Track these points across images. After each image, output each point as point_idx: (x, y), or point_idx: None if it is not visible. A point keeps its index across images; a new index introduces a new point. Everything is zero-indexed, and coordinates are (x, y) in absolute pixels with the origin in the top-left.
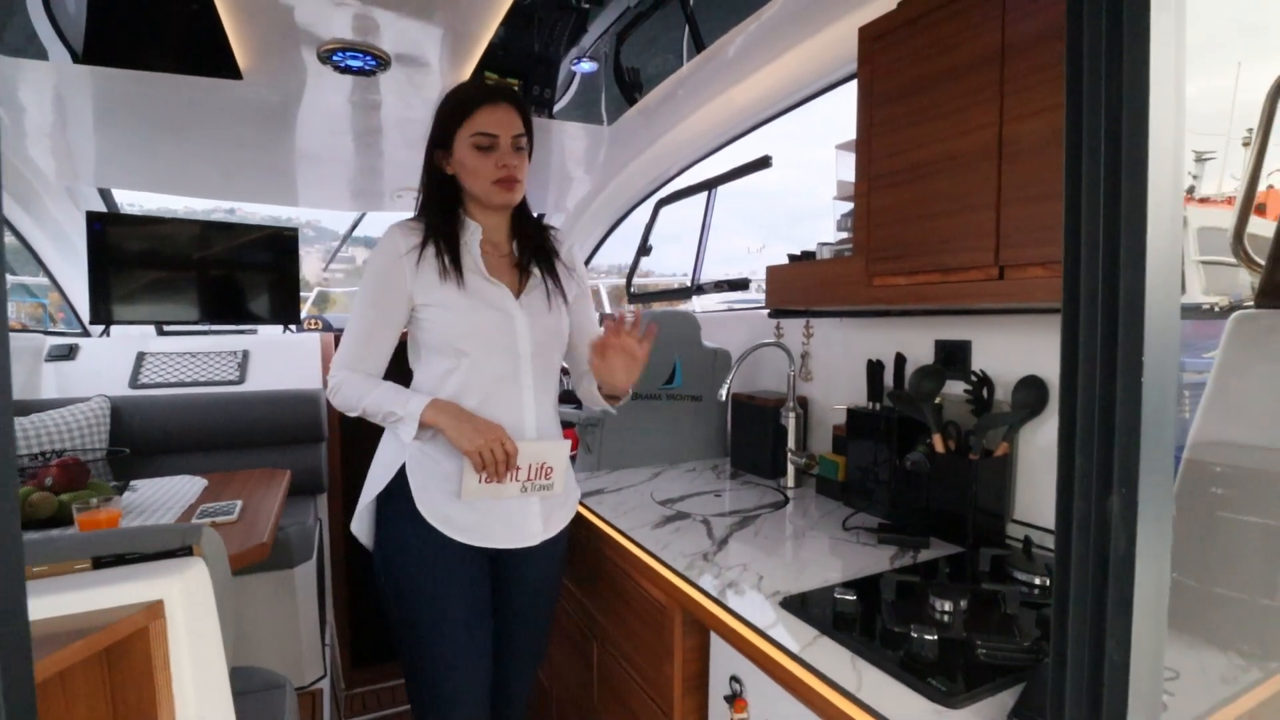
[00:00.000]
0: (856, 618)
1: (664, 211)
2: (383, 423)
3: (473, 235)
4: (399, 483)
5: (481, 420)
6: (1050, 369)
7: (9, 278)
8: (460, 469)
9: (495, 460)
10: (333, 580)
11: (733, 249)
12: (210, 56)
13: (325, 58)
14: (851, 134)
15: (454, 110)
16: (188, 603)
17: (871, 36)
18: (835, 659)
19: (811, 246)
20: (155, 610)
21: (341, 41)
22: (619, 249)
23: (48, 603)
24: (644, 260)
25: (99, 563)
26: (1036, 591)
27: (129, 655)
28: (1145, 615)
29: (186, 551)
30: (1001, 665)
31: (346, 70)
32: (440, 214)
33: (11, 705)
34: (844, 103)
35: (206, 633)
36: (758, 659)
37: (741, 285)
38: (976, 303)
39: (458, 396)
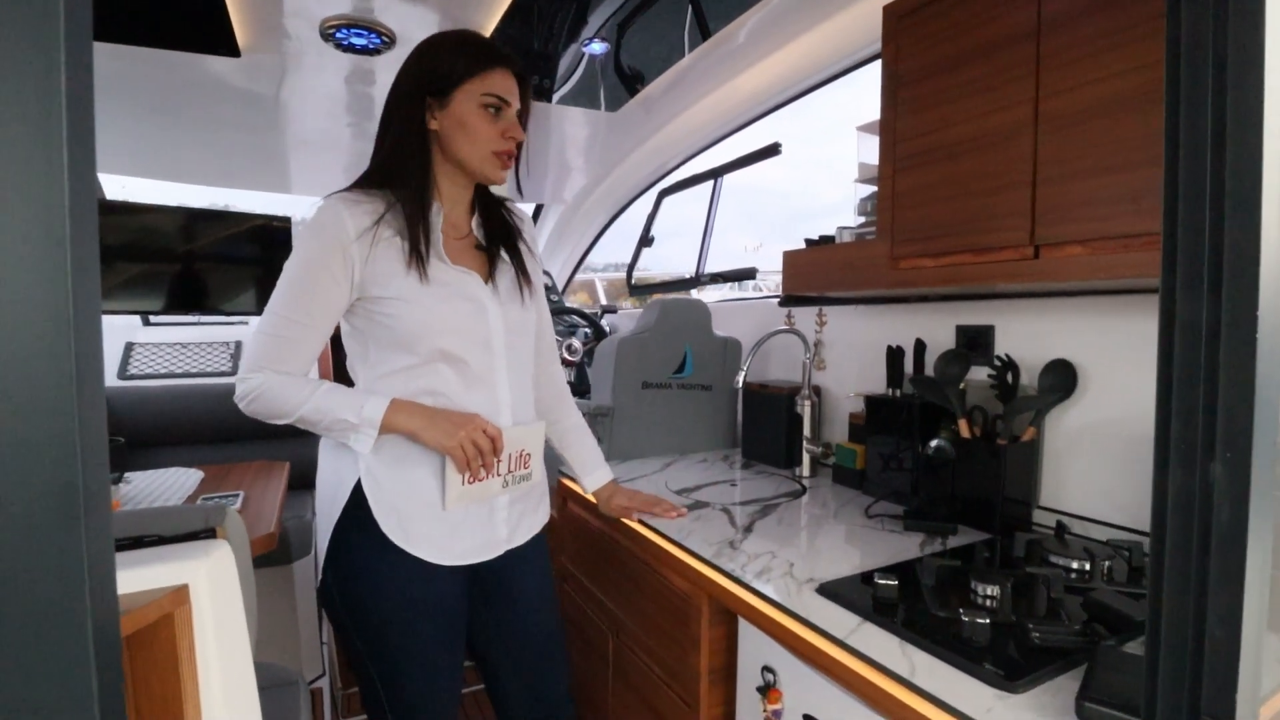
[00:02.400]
0: (898, 603)
1: (665, 206)
2: (326, 432)
3: (437, 215)
4: (355, 504)
5: (455, 412)
6: (1078, 352)
7: None
8: (437, 475)
9: (482, 452)
10: None
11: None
12: (208, 32)
13: (328, 35)
14: (853, 125)
15: (467, 58)
16: (214, 588)
17: (897, 15)
18: (883, 645)
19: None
20: (181, 595)
21: (345, 18)
22: (616, 245)
23: None
24: (646, 256)
25: (114, 546)
26: (1074, 575)
27: (152, 643)
28: (1252, 590)
29: (209, 534)
30: (1056, 649)
31: (350, 49)
32: (417, 181)
33: (102, 668)
34: (842, 97)
35: (233, 620)
36: (797, 647)
37: (749, 275)
38: (1008, 284)
39: (419, 397)
